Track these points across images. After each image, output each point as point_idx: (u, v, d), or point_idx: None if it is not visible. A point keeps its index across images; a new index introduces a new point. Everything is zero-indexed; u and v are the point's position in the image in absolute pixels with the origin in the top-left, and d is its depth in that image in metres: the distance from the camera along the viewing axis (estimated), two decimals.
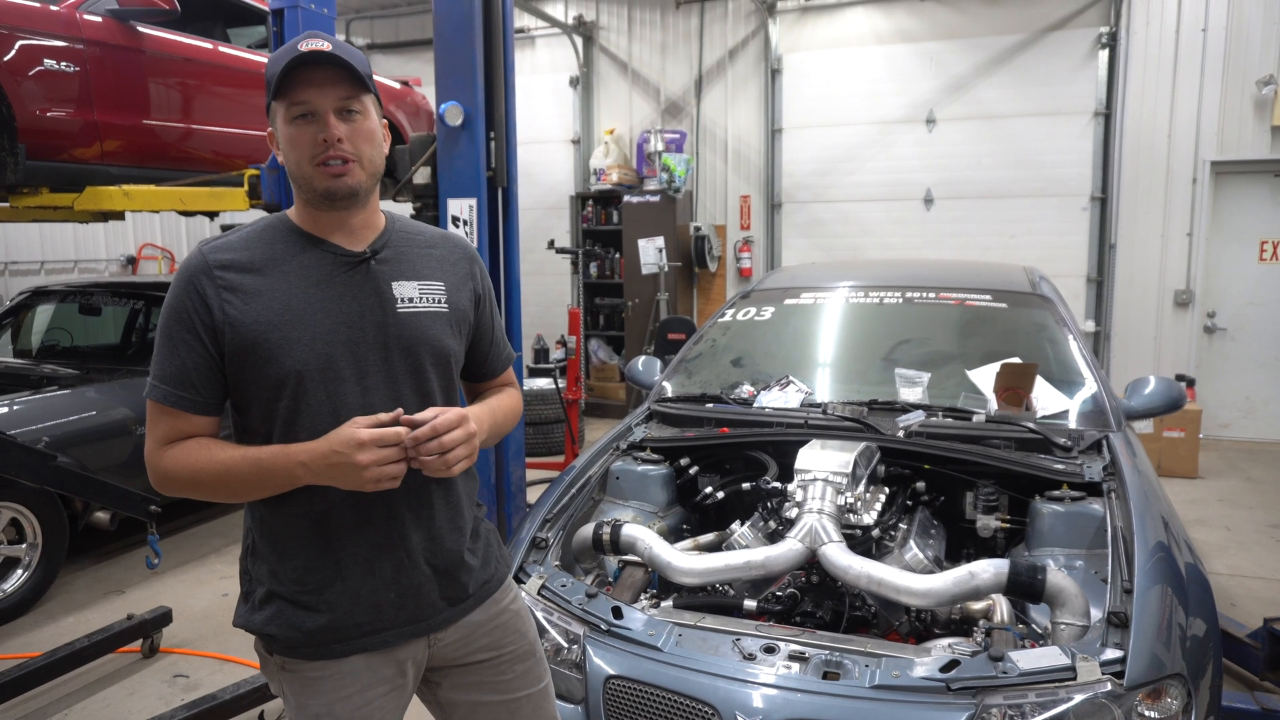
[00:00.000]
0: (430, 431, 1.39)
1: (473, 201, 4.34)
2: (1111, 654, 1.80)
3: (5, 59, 3.86)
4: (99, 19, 4.34)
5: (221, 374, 1.45)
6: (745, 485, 2.75)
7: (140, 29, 4.53)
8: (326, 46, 1.41)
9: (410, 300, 1.53)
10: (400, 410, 1.41)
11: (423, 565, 1.55)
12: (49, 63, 4.05)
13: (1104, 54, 7.29)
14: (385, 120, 1.55)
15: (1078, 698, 1.74)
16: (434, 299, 1.57)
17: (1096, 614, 2.03)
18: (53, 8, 4.16)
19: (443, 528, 1.57)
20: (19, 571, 4.09)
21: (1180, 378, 6.43)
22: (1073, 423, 2.91)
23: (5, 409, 4.12)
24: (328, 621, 1.49)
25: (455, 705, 1.68)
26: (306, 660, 1.50)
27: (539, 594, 2.21)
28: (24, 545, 4.11)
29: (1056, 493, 2.46)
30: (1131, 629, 1.85)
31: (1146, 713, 1.77)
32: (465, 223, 4.16)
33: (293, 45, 1.43)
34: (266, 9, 4.56)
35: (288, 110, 1.44)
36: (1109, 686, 1.75)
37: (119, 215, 5.56)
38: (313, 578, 1.49)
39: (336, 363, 1.46)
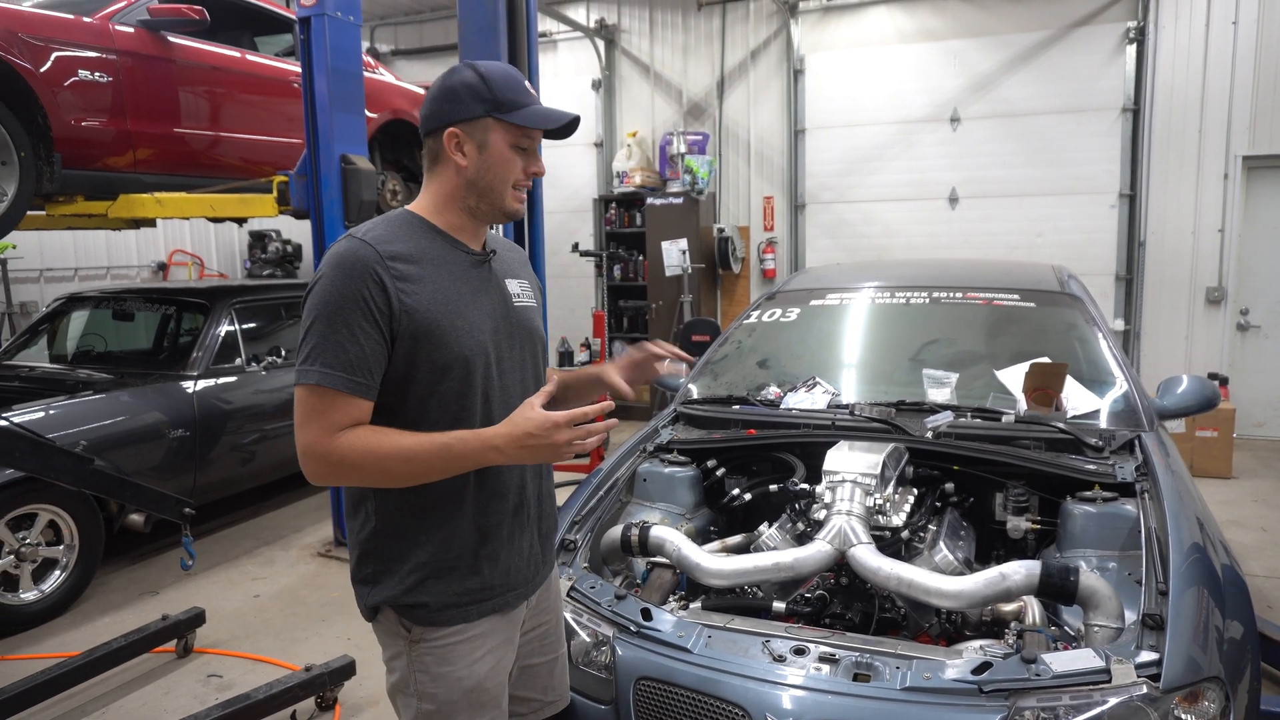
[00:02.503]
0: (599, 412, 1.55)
1: None
2: (1147, 656, 1.78)
3: (41, 70, 3.94)
4: (131, 29, 4.42)
5: (388, 360, 1.53)
6: (773, 487, 2.75)
7: (171, 39, 4.61)
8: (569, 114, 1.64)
9: (518, 296, 1.74)
10: (557, 379, 1.62)
11: (536, 530, 1.74)
12: (83, 73, 4.13)
13: (1132, 49, 7.20)
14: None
15: (1113, 700, 1.72)
16: (529, 295, 1.79)
17: (1131, 616, 2.01)
18: (86, 19, 4.24)
19: (547, 497, 1.79)
20: (57, 572, 4.17)
21: (1213, 376, 6.33)
22: (1104, 423, 2.88)
23: (43, 413, 4.20)
24: (469, 585, 1.62)
25: (510, 670, 1.78)
26: (444, 627, 1.61)
27: (568, 595, 2.22)
28: (61, 547, 4.19)
29: (1088, 493, 2.43)
30: (1167, 631, 1.83)
31: (1183, 716, 1.75)
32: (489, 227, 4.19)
33: (526, 87, 1.61)
34: (294, 18, 4.62)
35: (520, 139, 1.61)
36: (1144, 689, 1.73)
37: (150, 222, 5.67)
38: (458, 544, 1.61)
39: (487, 349, 1.62)
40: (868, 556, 2.21)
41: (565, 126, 1.63)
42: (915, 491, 2.63)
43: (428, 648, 1.61)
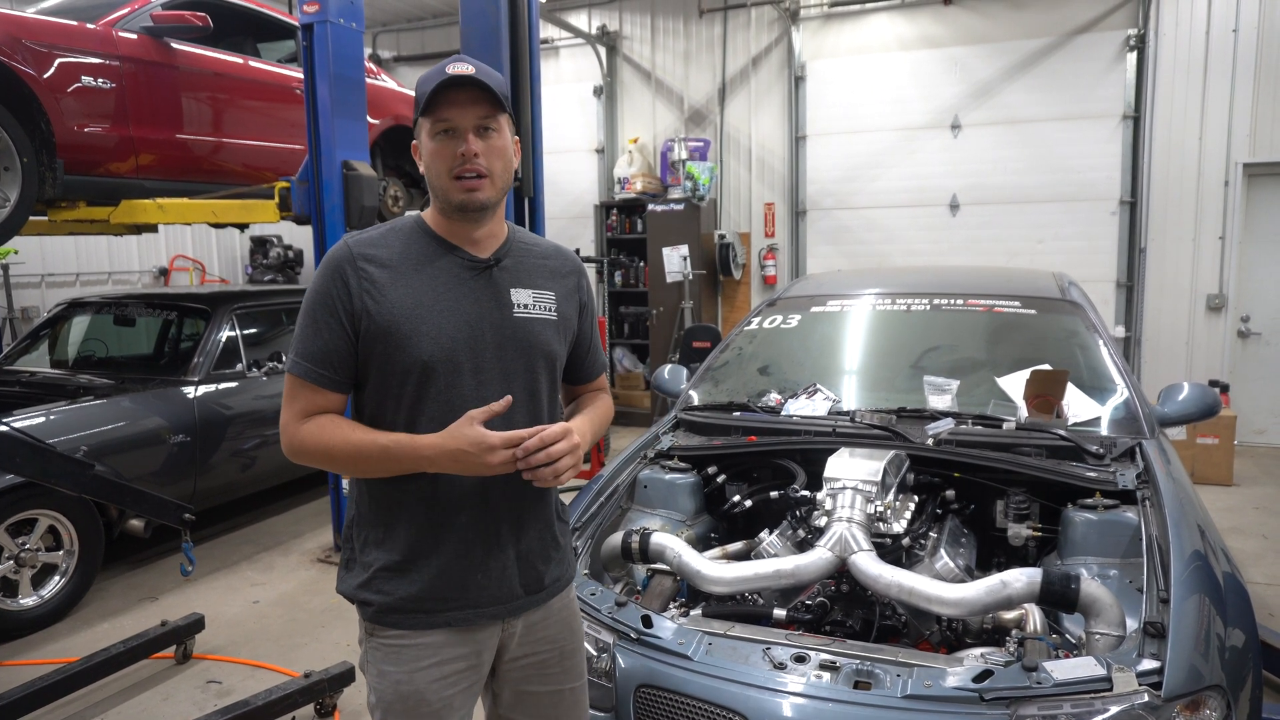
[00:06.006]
0: (539, 443, 1.50)
1: None
2: (1148, 664, 1.78)
3: (45, 77, 3.96)
4: (134, 36, 4.43)
5: (355, 356, 1.59)
6: (773, 494, 2.75)
7: (174, 45, 4.62)
8: (470, 70, 1.56)
9: (525, 306, 1.68)
10: (510, 398, 1.54)
11: (510, 552, 1.67)
12: (86, 80, 4.14)
13: (1132, 56, 7.21)
14: (516, 137, 1.69)
15: (1114, 709, 1.71)
16: (545, 306, 1.71)
17: (1132, 624, 2.01)
18: (90, 26, 4.26)
19: (530, 522, 1.70)
20: (56, 578, 4.16)
21: (1214, 383, 6.33)
22: (1105, 430, 2.88)
23: (44, 419, 4.20)
24: (417, 591, 1.61)
25: (502, 692, 1.77)
26: (392, 628, 1.62)
27: None
28: (61, 552, 4.18)
29: (1089, 501, 2.43)
30: (1169, 639, 1.82)
31: None
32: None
33: (440, 68, 1.57)
34: (296, 24, 4.63)
35: (432, 126, 1.58)
36: (1146, 697, 1.72)
37: (152, 228, 5.68)
38: (412, 549, 1.61)
39: (457, 357, 1.59)
40: (868, 564, 2.21)
41: (464, 86, 1.53)
42: (916, 498, 2.63)
43: (378, 643, 1.64)
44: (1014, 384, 3.05)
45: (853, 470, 2.47)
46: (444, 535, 1.61)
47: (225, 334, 5.21)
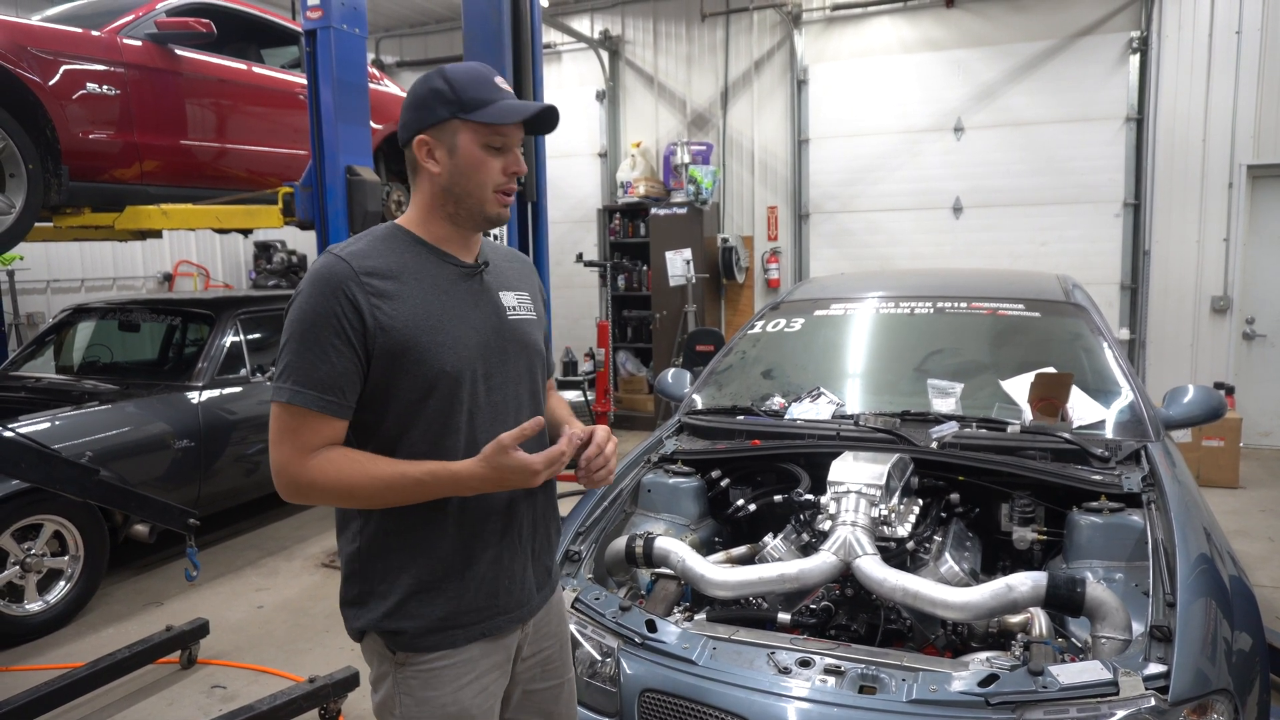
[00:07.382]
0: (596, 449, 1.57)
1: None
2: (1155, 668, 1.77)
3: (50, 84, 3.97)
4: (139, 43, 4.45)
5: (363, 378, 1.50)
6: (777, 497, 2.74)
7: (178, 52, 4.64)
8: (542, 104, 1.59)
9: (514, 308, 1.67)
10: (541, 419, 1.48)
11: (527, 551, 1.67)
12: (91, 86, 4.16)
13: (1135, 58, 7.21)
14: None
15: (1120, 713, 1.71)
16: (527, 307, 1.72)
17: (1138, 627, 2.00)
18: (94, 33, 4.27)
19: (542, 519, 1.70)
20: (62, 583, 4.17)
21: (1219, 385, 6.31)
22: (1110, 433, 2.87)
23: (49, 424, 4.21)
24: (454, 608, 1.57)
25: (513, 694, 1.74)
26: (429, 652, 1.57)
27: (572, 607, 2.22)
28: (66, 557, 4.19)
29: (1094, 504, 2.42)
30: (1175, 643, 1.82)
31: None
32: (496, 237, 4.20)
33: (488, 78, 1.55)
34: (299, 30, 4.65)
35: (489, 138, 1.54)
36: (1152, 702, 1.71)
37: (157, 233, 5.69)
38: (441, 566, 1.56)
39: (474, 365, 1.56)
40: (873, 568, 2.20)
41: (541, 119, 1.57)
42: (920, 502, 2.63)
43: (413, 671, 1.57)
44: (1018, 387, 3.05)
45: (857, 474, 2.47)
46: (475, 546, 1.57)
47: (229, 339, 5.22)
